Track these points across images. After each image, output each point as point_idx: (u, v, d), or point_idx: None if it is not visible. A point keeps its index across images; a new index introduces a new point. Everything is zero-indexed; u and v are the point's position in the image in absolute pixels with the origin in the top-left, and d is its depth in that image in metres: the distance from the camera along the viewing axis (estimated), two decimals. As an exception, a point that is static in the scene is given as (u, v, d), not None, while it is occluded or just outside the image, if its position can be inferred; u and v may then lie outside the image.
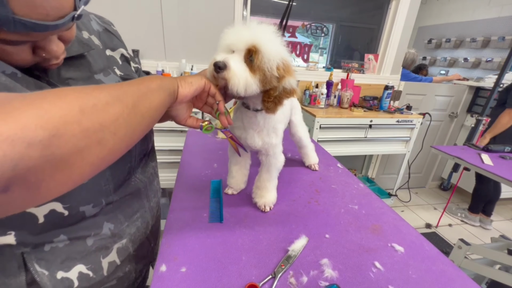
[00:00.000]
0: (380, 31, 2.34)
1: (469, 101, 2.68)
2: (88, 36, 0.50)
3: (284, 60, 0.50)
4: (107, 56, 0.53)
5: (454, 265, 0.55)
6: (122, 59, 0.56)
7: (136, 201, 0.55)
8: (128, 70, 0.57)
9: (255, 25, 0.49)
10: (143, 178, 0.57)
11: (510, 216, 2.60)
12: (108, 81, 0.49)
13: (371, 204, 0.75)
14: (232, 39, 0.49)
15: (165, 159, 1.69)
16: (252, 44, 0.47)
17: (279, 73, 0.50)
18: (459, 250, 1.30)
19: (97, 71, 0.48)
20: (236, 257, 0.52)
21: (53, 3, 0.31)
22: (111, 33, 0.57)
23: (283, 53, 0.51)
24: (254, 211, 0.68)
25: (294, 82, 0.53)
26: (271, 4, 2.19)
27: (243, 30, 0.49)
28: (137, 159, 0.55)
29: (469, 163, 1.41)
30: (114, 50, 0.55)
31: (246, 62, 0.49)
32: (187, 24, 1.81)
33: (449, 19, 3.58)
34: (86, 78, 0.46)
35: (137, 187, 0.55)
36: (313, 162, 0.95)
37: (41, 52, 0.36)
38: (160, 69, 1.83)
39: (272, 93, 0.52)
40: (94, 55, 0.48)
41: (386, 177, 2.79)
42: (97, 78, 0.47)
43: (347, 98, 2.08)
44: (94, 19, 0.54)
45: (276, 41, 0.49)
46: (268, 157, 0.68)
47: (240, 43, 0.48)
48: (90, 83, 0.46)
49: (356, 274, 0.51)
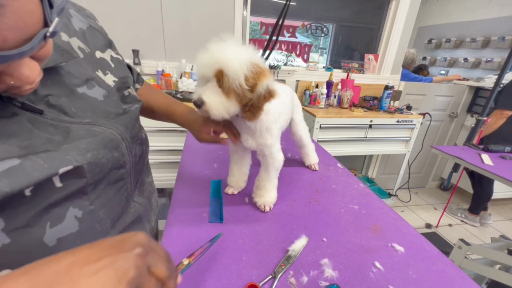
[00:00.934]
0: (380, 31, 2.34)
1: (469, 101, 2.68)
2: (68, 40, 0.42)
3: (253, 65, 0.49)
4: (97, 60, 0.46)
5: (454, 265, 0.55)
6: (113, 61, 0.51)
7: (136, 227, 0.50)
8: (123, 72, 0.52)
9: (214, 48, 0.49)
10: (142, 201, 0.53)
11: (510, 216, 2.60)
12: (93, 94, 0.42)
13: (371, 204, 0.75)
14: (202, 70, 0.50)
15: (165, 159, 1.69)
16: (217, 69, 0.48)
17: (250, 83, 0.49)
18: (459, 250, 1.30)
19: (80, 84, 0.41)
20: (236, 257, 0.52)
21: (9, 22, 0.22)
22: (96, 30, 0.49)
23: (250, 59, 0.49)
24: (254, 211, 0.68)
25: (270, 83, 0.52)
26: (271, 4, 2.19)
27: (206, 58, 0.49)
28: (133, 183, 0.49)
29: (469, 163, 1.41)
30: (103, 51, 0.49)
31: (220, 87, 0.50)
32: (187, 24, 1.81)
33: (449, 19, 3.58)
34: (68, 93, 0.39)
35: (137, 213, 0.50)
36: (313, 162, 0.95)
37: (8, 80, 0.28)
38: (160, 69, 1.83)
39: (248, 104, 0.52)
40: (74, 64, 0.41)
41: (386, 177, 2.79)
42: (80, 92, 0.41)
43: (347, 98, 2.08)
44: (75, 15, 0.46)
45: (238, 53, 0.49)
46: (265, 157, 0.68)
47: (208, 71, 0.49)
48: (72, 98, 0.39)
49: (356, 274, 0.51)
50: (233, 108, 0.51)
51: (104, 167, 0.39)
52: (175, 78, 1.85)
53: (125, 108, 0.48)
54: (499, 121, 2.00)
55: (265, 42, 2.22)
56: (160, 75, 1.80)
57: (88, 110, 0.41)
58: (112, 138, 0.42)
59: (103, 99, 0.44)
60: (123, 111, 0.47)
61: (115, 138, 0.42)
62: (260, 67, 0.51)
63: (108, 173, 0.41)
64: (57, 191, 0.34)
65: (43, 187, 0.32)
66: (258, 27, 2.20)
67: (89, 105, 0.41)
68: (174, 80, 1.82)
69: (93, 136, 0.39)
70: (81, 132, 0.38)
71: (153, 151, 1.62)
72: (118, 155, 0.43)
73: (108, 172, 0.41)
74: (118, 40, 1.71)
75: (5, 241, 0.30)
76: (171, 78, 1.80)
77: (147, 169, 0.60)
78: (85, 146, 0.37)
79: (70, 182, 0.35)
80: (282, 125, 0.75)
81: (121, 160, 0.43)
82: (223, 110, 0.50)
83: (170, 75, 1.80)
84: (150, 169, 0.63)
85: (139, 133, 0.50)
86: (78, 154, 0.35)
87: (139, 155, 0.50)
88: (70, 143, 0.36)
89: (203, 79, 0.52)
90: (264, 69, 0.51)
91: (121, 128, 0.44)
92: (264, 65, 0.52)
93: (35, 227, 0.32)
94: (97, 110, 0.42)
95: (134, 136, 0.48)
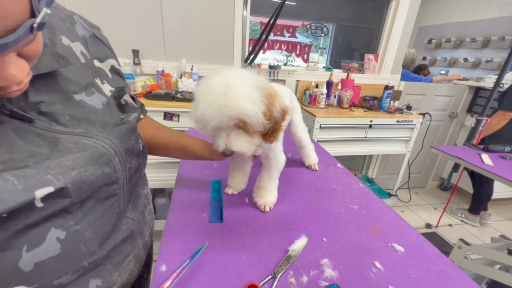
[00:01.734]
0: (380, 31, 2.34)
1: (469, 101, 2.68)
2: (69, 44, 0.40)
3: (264, 94, 0.48)
4: (96, 68, 0.45)
5: (454, 265, 0.55)
6: (112, 72, 0.49)
7: (128, 244, 0.46)
8: (120, 83, 0.50)
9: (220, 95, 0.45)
10: (136, 215, 0.49)
11: (510, 216, 2.60)
12: (91, 101, 0.41)
13: (371, 204, 0.75)
14: (217, 121, 0.47)
15: (165, 159, 1.69)
16: (237, 117, 0.46)
17: (268, 114, 0.49)
18: (459, 250, 1.30)
19: (78, 90, 0.39)
20: (236, 257, 0.52)
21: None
22: (100, 40, 0.48)
23: (259, 87, 0.48)
24: (254, 211, 0.68)
25: (282, 104, 0.52)
26: (271, 4, 2.19)
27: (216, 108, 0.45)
28: (127, 197, 0.46)
29: (469, 163, 1.41)
30: (103, 61, 0.47)
31: (240, 128, 0.50)
32: (187, 24, 1.81)
33: (449, 19, 3.58)
34: (64, 99, 0.37)
35: (130, 230, 0.46)
36: (313, 162, 0.95)
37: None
38: (160, 69, 1.83)
39: (268, 132, 0.53)
40: (73, 69, 0.40)
41: (386, 177, 2.79)
42: (78, 99, 0.39)
43: (347, 98, 2.08)
44: (79, 22, 0.45)
45: (249, 93, 0.46)
46: (268, 159, 0.68)
47: (228, 121, 0.47)
48: (68, 105, 0.37)
49: (356, 274, 0.51)
50: (258, 141, 0.53)
51: (92, 185, 0.36)
52: (175, 78, 1.85)
53: (123, 118, 0.47)
54: (501, 122, 2.00)
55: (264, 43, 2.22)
56: (160, 75, 1.80)
57: (83, 118, 0.38)
58: (104, 153, 0.38)
59: (101, 107, 0.42)
60: (120, 121, 0.45)
61: (107, 152, 0.39)
62: (270, 94, 0.49)
63: (98, 190, 0.37)
64: (37, 212, 0.30)
65: (21, 208, 0.28)
66: (258, 27, 2.20)
67: (85, 113, 0.39)
68: (174, 80, 1.82)
69: (82, 150, 0.36)
70: (70, 145, 0.35)
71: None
72: (110, 171, 0.39)
73: (97, 189, 0.37)
74: (118, 40, 1.72)
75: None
76: (171, 78, 1.80)
77: (143, 181, 0.57)
78: (70, 163, 0.34)
79: (53, 202, 0.31)
80: (284, 126, 0.76)
81: (113, 176, 0.40)
82: (252, 148, 0.52)
83: (170, 75, 1.80)
84: (146, 180, 0.60)
85: (135, 145, 0.47)
86: (60, 173, 0.32)
87: (135, 168, 0.47)
88: (54, 159, 0.33)
89: (218, 129, 0.50)
90: (273, 94, 0.50)
91: (115, 141, 0.41)
92: (270, 87, 0.50)
93: (9, 251, 0.28)
94: (93, 119, 0.40)
95: (129, 149, 0.44)
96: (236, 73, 0.49)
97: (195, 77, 1.84)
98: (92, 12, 1.60)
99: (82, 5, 1.58)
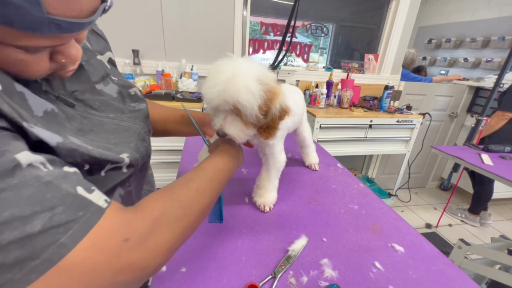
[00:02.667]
0: (380, 31, 2.34)
1: (469, 101, 2.68)
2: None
3: (265, 89, 0.49)
4: (98, 61, 0.49)
5: (454, 265, 0.55)
6: (109, 63, 0.52)
7: None
8: (120, 75, 0.54)
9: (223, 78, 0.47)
10: (148, 188, 0.58)
11: (510, 216, 2.60)
12: (108, 90, 0.46)
13: (371, 204, 0.75)
14: (215, 103, 0.50)
15: (165, 159, 1.69)
16: (232, 104, 0.48)
17: (263, 110, 0.50)
18: (459, 250, 1.30)
19: (97, 81, 0.44)
20: (236, 257, 0.52)
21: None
22: (98, 34, 0.51)
23: (263, 81, 0.49)
24: (254, 211, 0.68)
25: (282, 101, 0.52)
26: (271, 4, 2.19)
27: (218, 90, 0.48)
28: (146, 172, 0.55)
29: (469, 163, 1.41)
30: (102, 54, 0.51)
31: (237, 115, 0.51)
32: (187, 24, 1.81)
33: (449, 19, 3.58)
34: (90, 89, 0.42)
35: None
36: (313, 162, 0.95)
37: (60, 58, 0.31)
38: (160, 69, 1.83)
39: (263, 126, 0.54)
40: (92, 62, 0.45)
41: (386, 177, 2.79)
42: (99, 88, 0.44)
43: (347, 98, 2.08)
44: None
45: (249, 84, 0.47)
46: (266, 156, 0.68)
47: (224, 104, 0.49)
48: (93, 94, 0.43)
49: (356, 274, 0.51)
50: (251, 132, 0.54)
51: (142, 156, 0.45)
52: (175, 78, 1.85)
53: (134, 106, 0.51)
54: (500, 122, 2.00)
55: (265, 42, 2.22)
56: (160, 75, 1.80)
57: (107, 105, 0.44)
58: (139, 131, 0.47)
59: (116, 96, 0.47)
60: (133, 108, 0.50)
61: (140, 131, 0.47)
62: (272, 90, 0.50)
63: (142, 161, 0.46)
64: (122, 175, 0.40)
65: (115, 170, 0.38)
66: (258, 27, 2.20)
67: (107, 101, 0.44)
68: (174, 80, 1.82)
69: (125, 130, 0.43)
70: (113, 126, 0.42)
71: (153, 151, 1.62)
72: (146, 145, 0.48)
73: (142, 160, 0.45)
74: (118, 40, 1.72)
75: None
76: (171, 78, 1.80)
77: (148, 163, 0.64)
78: (126, 139, 0.42)
79: (130, 168, 0.41)
80: (289, 127, 0.75)
81: (149, 150, 0.49)
82: (244, 136, 0.54)
83: (170, 75, 1.80)
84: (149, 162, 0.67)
85: (150, 128, 0.55)
86: (125, 146, 0.41)
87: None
88: (112, 136, 0.40)
89: (217, 109, 0.53)
90: (275, 91, 0.51)
91: (141, 124, 0.49)
92: (274, 84, 0.51)
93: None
94: (114, 106, 0.45)
95: (150, 130, 0.53)
96: (247, 63, 0.50)
97: (195, 77, 1.84)
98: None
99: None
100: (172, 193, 0.37)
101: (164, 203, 0.34)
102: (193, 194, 0.39)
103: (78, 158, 0.32)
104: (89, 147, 0.33)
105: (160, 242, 0.31)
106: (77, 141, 0.32)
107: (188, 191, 0.38)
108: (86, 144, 0.34)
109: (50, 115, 0.32)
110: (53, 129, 0.30)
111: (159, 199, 0.35)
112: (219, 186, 0.45)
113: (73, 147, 0.31)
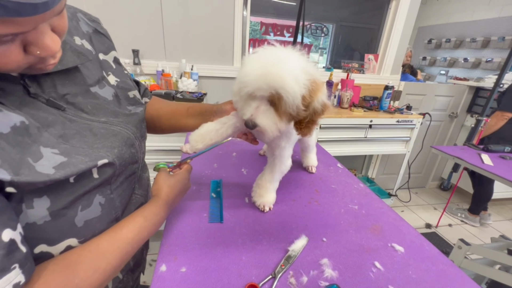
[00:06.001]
0: (380, 31, 2.34)
1: (469, 101, 2.68)
2: (81, 42, 0.45)
3: (310, 79, 0.46)
4: (101, 61, 0.49)
5: (454, 265, 0.55)
6: (115, 63, 0.53)
7: None
8: (123, 75, 0.54)
9: (268, 64, 0.44)
10: (142, 192, 0.56)
11: (510, 216, 2.60)
12: (103, 93, 0.46)
13: (371, 204, 0.75)
14: (253, 87, 0.46)
15: (165, 159, 1.69)
16: (272, 92, 0.45)
17: (306, 102, 0.47)
18: (459, 250, 1.30)
19: (93, 84, 0.45)
20: (236, 257, 0.52)
21: None
22: (102, 33, 0.52)
23: (308, 71, 0.46)
24: (254, 211, 0.68)
25: (324, 97, 0.50)
26: (271, 4, 2.19)
27: (259, 75, 0.45)
28: (138, 177, 0.54)
29: (469, 163, 1.41)
30: (106, 53, 0.51)
31: (272, 105, 0.47)
32: (187, 24, 1.81)
33: (449, 19, 3.58)
34: (83, 92, 0.43)
35: (139, 203, 0.54)
36: (312, 164, 0.94)
37: (35, 50, 0.29)
38: (160, 69, 1.83)
39: (303, 121, 0.50)
40: (88, 65, 0.45)
41: (386, 177, 2.79)
42: (93, 91, 0.44)
43: (347, 98, 2.08)
44: (82, 19, 0.49)
45: (295, 72, 0.45)
46: (274, 157, 0.67)
47: (263, 90, 0.45)
48: (86, 97, 0.43)
49: (356, 274, 0.51)
50: (285, 126, 0.50)
51: (126, 161, 0.45)
52: (175, 78, 1.84)
53: (131, 109, 0.51)
54: (500, 122, 2.01)
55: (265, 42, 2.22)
56: (160, 75, 1.80)
57: (100, 109, 0.44)
58: (128, 137, 0.47)
59: (112, 99, 0.47)
60: (129, 112, 0.50)
61: (130, 136, 0.47)
62: (316, 83, 0.48)
63: (127, 167, 0.46)
64: (93, 181, 0.39)
65: (84, 176, 0.37)
66: (258, 27, 2.20)
67: (100, 104, 0.44)
68: (174, 80, 1.82)
69: (113, 135, 0.44)
70: (102, 131, 0.42)
71: (153, 151, 1.62)
72: (134, 151, 0.48)
73: (127, 166, 0.46)
74: (118, 40, 1.71)
75: (47, 219, 0.34)
76: (171, 78, 1.79)
77: (144, 165, 0.62)
78: (111, 144, 0.42)
79: (104, 172, 0.40)
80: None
81: (136, 156, 0.49)
82: (275, 129, 0.49)
83: (170, 75, 1.80)
84: (146, 165, 0.64)
85: (145, 133, 0.55)
86: (107, 150, 0.41)
87: (144, 151, 0.56)
88: (99, 141, 0.41)
89: (250, 97, 0.49)
90: (319, 84, 0.49)
91: (133, 128, 0.48)
92: (319, 77, 0.49)
93: (71, 209, 0.37)
94: (107, 110, 0.45)
95: (142, 135, 0.53)
96: (293, 52, 0.48)
97: (195, 77, 1.84)
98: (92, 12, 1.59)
99: (82, 5, 1.58)
100: (75, 275, 0.34)
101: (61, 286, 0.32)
102: (98, 277, 0.36)
103: (40, 184, 0.32)
104: (52, 171, 0.33)
105: None
106: (43, 162, 0.32)
107: (94, 273, 0.36)
108: (61, 155, 0.34)
109: (20, 130, 0.31)
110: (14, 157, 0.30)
111: (57, 278, 0.32)
112: (136, 249, 0.44)
113: (30, 180, 0.30)
